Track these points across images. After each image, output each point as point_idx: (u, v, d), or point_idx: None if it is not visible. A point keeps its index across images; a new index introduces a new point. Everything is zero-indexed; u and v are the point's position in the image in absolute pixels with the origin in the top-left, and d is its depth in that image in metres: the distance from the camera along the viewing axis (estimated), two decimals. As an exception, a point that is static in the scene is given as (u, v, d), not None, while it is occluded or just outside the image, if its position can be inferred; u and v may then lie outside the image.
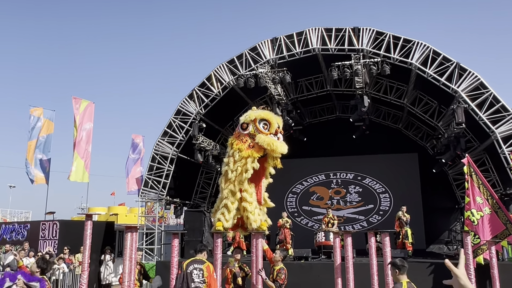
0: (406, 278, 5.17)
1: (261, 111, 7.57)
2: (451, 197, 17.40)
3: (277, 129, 7.40)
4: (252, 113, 7.56)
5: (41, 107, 17.87)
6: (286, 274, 7.27)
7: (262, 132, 7.30)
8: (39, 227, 15.74)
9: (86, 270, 7.28)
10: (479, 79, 12.47)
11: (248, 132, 7.46)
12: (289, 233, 14.27)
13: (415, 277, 11.23)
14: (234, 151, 7.56)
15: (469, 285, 1.93)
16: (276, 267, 7.29)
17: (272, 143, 7.16)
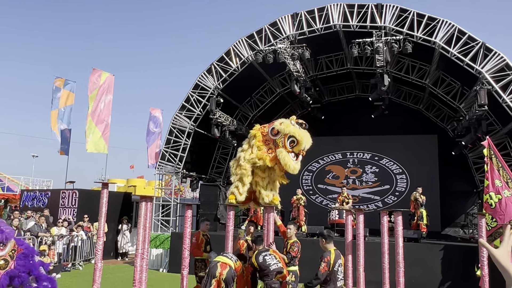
0: (333, 246, 6.19)
1: (297, 129, 7.36)
2: (469, 180, 17.13)
3: (301, 151, 7.34)
4: (288, 127, 7.39)
5: (63, 77, 18.13)
6: (299, 247, 7.34)
7: (286, 148, 7.30)
8: (59, 195, 16.19)
9: (101, 237, 7.47)
10: (504, 60, 12.09)
11: (275, 139, 7.47)
12: (303, 210, 14.35)
13: (427, 258, 11.28)
14: (254, 145, 7.65)
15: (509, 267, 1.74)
16: (290, 241, 7.36)
17: (289, 164, 7.16)
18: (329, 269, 5.94)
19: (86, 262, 14.53)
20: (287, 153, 7.22)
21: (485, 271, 7.81)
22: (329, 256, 6.02)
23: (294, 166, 7.20)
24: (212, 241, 11.70)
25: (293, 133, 7.25)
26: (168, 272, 13.33)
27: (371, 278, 9.13)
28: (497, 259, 1.73)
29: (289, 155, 7.23)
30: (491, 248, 1.78)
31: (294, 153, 7.32)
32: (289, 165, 7.15)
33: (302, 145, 7.22)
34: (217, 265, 6.60)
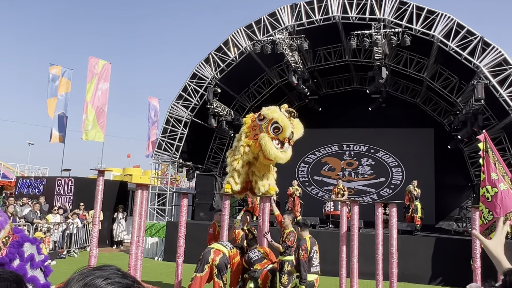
0: (308, 234, 6.52)
1: (282, 116, 7.28)
2: (464, 174, 17.23)
3: (286, 139, 7.24)
4: (273, 113, 7.35)
5: (59, 65, 18.01)
6: (295, 237, 7.37)
7: (269, 134, 7.21)
8: (55, 182, 16.17)
9: (97, 224, 7.49)
10: (502, 55, 12.10)
11: (260, 125, 7.44)
12: (299, 201, 14.40)
13: (421, 250, 11.37)
14: (242, 132, 7.68)
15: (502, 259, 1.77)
16: (286, 231, 7.39)
17: (270, 150, 7.09)
18: (307, 255, 6.31)
19: (81, 249, 14.57)
20: (269, 138, 7.17)
21: (477, 263, 7.90)
22: (305, 243, 6.34)
23: (275, 153, 7.12)
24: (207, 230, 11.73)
25: (277, 119, 7.19)
26: (163, 261, 13.38)
27: (365, 269, 9.22)
28: (490, 250, 1.75)
29: (272, 141, 7.16)
30: (484, 239, 1.81)
31: (278, 140, 7.25)
32: (269, 151, 7.08)
33: (286, 132, 7.15)
34: (211, 251, 6.66)
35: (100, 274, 0.87)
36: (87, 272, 0.89)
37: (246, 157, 7.56)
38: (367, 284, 9.36)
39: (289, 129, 7.21)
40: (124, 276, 0.88)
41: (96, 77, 16.12)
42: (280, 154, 7.22)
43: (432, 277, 10.99)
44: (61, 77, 17.26)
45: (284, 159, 7.35)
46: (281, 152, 7.24)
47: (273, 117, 7.26)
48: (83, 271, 0.90)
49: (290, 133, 7.23)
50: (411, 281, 10.64)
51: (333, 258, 9.46)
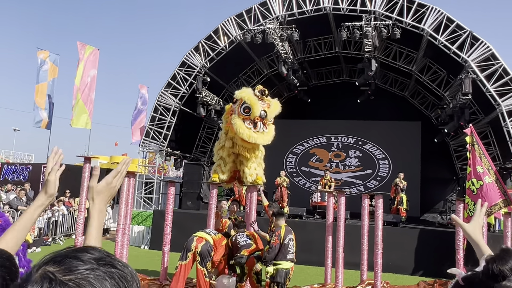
0: (283, 222, 6.71)
1: (249, 95, 7.22)
2: (450, 168, 17.46)
3: (257, 118, 7.15)
4: (242, 93, 7.35)
5: (47, 50, 17.69)
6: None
7: (240, 115, 7.17)
8: (40, 169, 16.00)
9: (83, 211, 7.45)
10: (490, 50, 12.21)
11: (234, 108, 7.42)
12: (286, 191, 14.45)
13: (405, 242, 11.52)
14: (223, 119, 7.73)
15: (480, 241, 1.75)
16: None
17: (240, 131, 7.05)
18: (280, 242, 6.48)
19: (66, 237, 14.47)
20: (240, 119, 7.12)
21: (460, 255, 8.03)
22: (279, 230, 6.54)
23: (247, 134, 7.07)
24: (194, 219, 11.77)
25: (245, 99, 7.16)
26: (150, 249, 13.36)
27: (350, 259, 9.29)
28: (469, 233, 1.77)
29: (244, 122, 7.12)
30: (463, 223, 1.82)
31: (250, 120, 7.20)
32: (241, 132, 7.04)
33: (254, 110, 7.09)
34: (194, 239, 6.67)
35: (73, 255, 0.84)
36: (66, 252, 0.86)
37: (228, 143, 7.55)
38: (351, 274, 9.45)
39: (257, 107, 7.15)
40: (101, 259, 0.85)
41: (83, 63, 15.88)
42: (253, 134, 7.12)
43: (416, 268, 11.15)
44: (49, 63, 16.99)
45: (259, 139, 7.21)
46: (254, 132, 7.14)
47: (241, 97, 7.25)
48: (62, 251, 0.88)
49: (260, 111, 7.16)
50: (395, 272, 10.77)
51: (319, 248, 9.53)
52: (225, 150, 7.51)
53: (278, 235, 6.44)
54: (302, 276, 9.47)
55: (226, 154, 7.46)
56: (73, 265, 0.81)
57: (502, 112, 12.06)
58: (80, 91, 15.21)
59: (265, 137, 7.34)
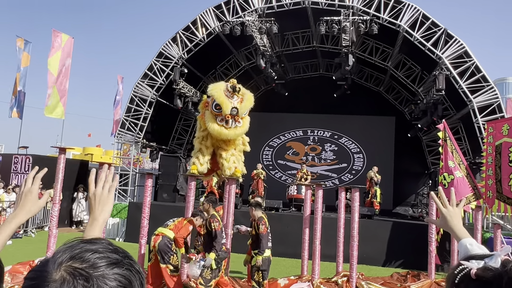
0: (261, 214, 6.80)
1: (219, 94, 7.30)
2: (422, 162, 17.88)
3: (228, 116, 7.27)
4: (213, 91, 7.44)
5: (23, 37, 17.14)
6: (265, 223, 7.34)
7: (212, 112, 7.35)
8: (11, 160, 15.56)
9: (57, 203, 7.30)
10: (464, 48, 12.52)
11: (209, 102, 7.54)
12: (262, 184, 14.51)
13: (379, 233, 11.76)
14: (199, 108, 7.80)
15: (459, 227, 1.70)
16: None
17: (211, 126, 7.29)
18: (268, 230, 6.65)
19: (38, 229, 14.17)
20: (211, 116, 7.30)
21: (432, 247, 8.26)
22: (264, 219, 6.66)
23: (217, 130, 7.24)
24: (170, 211, 11.69)
25: (215, 97, 7.29)
26: (125, 242, 13.21)
27: (326, 252, 9.43)
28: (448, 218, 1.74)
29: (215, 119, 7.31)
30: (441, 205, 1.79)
31: (222, 117, 7.34)
32: (211, 128, 7.21)
33: (224, 109, 7.24)
34: (152, 238, 6.69)
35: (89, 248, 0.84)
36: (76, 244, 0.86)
37: (201, 134, 7.64)
38: (327, 266, 9.61)
39: (227, 105, 7.26)
40: (115, 251, 0.86)
41: (60, 52, 15.46)
42: (224, 130, 7.28)
43: (389, 260, 11.42)
44: (23, 51, 16.48)
45: (230, 135, 7.37)
46: (225, 128, 7.28)
47: (212, 95, 7.37)
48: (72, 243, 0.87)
49: (231, 109, 7.27)
50: (369, 264, 11.01)
51: (295, 240, 9.63)
52: (203, 142, 7.50)
53: (264, 223, 6.59)
54: (278, 268, 9.56)
55: (204, 146, 7.44)
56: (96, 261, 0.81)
57: (473, 108, 12.40)
58: (55, 80, 14.81)
59: (237, 132, 7.43)
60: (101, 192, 1.42)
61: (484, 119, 12.18)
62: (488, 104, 12.36)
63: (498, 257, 1.02)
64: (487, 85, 12.45)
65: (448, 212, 1.76)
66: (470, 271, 1.02)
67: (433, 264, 8.20)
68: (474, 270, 1.01)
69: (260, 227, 6.53)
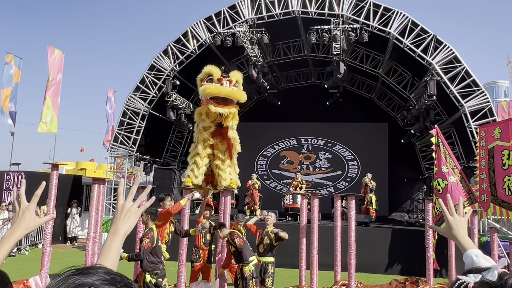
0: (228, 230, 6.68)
1: (204, 69, 7.43)
2: (416, 167, 17.93)
3: (220, 78, 7.23)
4: (199, 76, 7.52)
5: (12, 53, 17.12)
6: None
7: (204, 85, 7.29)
8: (3, 177, 15.39)
9: (50, 220, 7.20)
10: (453, 53, 12.64)
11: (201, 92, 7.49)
12: (258, 194, 14.44)
13: (377, 240, 11.73)
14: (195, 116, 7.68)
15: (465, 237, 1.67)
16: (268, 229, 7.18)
17: (206, 87, 7.06)
18: (244, 241, 6.52)
19: (32, 246, 13.98)
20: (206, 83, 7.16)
21: (430, 253, 8.24)
22: (236, 232, 6.55)
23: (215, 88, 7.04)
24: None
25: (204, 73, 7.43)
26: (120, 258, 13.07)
27: (323, 261, 9.38)
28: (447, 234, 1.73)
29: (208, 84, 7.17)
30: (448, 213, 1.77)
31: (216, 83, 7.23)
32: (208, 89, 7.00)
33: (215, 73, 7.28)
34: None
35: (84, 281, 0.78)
36: (69, 276, 0.80)
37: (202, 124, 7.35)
38: (325, 275, 9.54)
39: (216, 69, 7.31)
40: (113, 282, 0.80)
41: (54, 67, 15.48)
42: (221, 88, 7.06)
43: (387, 267, 11.36)
44: (14, 67, 16.44)
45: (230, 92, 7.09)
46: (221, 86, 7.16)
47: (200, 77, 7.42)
48: (66, 275, 0.81)
49: (221, 71, 7.32)
50: (367, 271, 10.95)
51: (292, 250, 9.56)
52: (199, 151, 7.40)
53: (238, 235, 6.50)
54: (276, 278, 9.44)
55: (199, 158, 7.36)
56: None
57: (465, 113, 12.49)
58: (49, 96, 14.79)
59: (236, 92, 7.25)
60: (130, 206, 1.39)
61: (476, 123, 12.25)
62: (480, 108, 12.45)
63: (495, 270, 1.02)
64: (477, 89, 12.55)
65: (455, 220, 1.73)
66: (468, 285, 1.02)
67: (431, 270, 8.18)
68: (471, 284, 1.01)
69: (236, 241, 6.46)
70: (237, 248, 6.45)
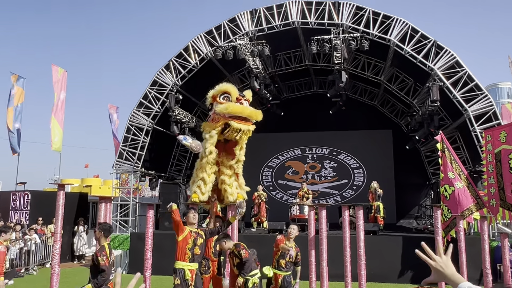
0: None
1: (218, 86, 7.37)
2: (422, 173, 17.84)
3: (239, 97, 7.21)
4: (211, 92, 7.44)
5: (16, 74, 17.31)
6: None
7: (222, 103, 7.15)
8: (9, 197, 15.42)
9: (58, 240, 7.18)
10: (455, 58, 12.63)
11: (213, 111, 7.34)
12: (264, 206, 14.40)
13: (386, 249, 11.63)
14: (203, 133, 7.53)
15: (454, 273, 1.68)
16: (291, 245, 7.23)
17: (228, 106, 6.93)
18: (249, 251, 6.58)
19: (40, 266, 13.94)
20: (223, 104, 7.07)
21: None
22: (241, 244, 6.58)
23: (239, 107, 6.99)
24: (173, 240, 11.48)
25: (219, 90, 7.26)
26: (128, 273, 13.01)
27: (333, 272, 9.30)
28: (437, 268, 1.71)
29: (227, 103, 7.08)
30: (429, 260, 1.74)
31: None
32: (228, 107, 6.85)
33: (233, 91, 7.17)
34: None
35: None
36: None
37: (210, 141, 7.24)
38: (335, 286, 9.45)
39: (233, 88, 7.26)
40: None
41: (58, 85, 15.64)
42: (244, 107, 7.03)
43: (398, 276, 11.26)
44: (16, 86, 16.60)
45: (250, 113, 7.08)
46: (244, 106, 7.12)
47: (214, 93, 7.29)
48: None
49: (237, 90, 7.27)
50: (377, 281, 10.85)
51: (301, 262, 9.50)
52: (206, 168, 7.34)
53: (243, 247, 6.52)
54: (286, 291, 9.38)
55: (206, 174, 7.31)
56: None
57: (469, 117, 12.44)
58: (55, 113, 14.94)
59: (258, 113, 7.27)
60: None
61: (480, 127, 12.20)
62: (484, 112, 12.40)
63: None
64: (480, 93, 12.51)
65: (439, 263, 1.72)
66: None
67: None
68: None
69: (242, 253, 6.46)
70: (241, 259, 6.45)
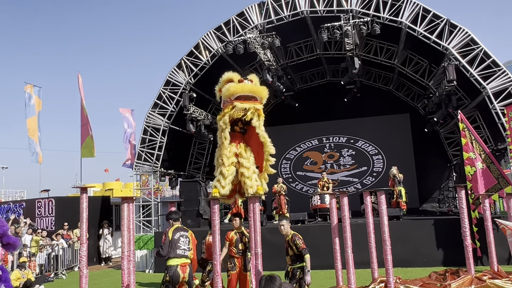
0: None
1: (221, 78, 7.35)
2: (442, 155, 17.56)
3: (241, 79, 7.16)
4: (217, 86, 7.46)
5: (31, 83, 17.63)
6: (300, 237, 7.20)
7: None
8: (34, 205, 15.76)
9: (84, 243, 7.29)
10: (469, 35, 12.35)
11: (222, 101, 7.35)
12: (284, 198, 14.37)
13: (411, 233, 11.51)
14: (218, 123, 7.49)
15: None
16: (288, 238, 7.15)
17: (229, 87, 6.90)
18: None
19: (69, 270, 14.22)
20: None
21: (468, 241, 8.03)
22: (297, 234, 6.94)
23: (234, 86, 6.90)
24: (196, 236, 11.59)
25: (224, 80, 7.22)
26: (155, 273, 13.17)
27: (358, 259, 9.24)
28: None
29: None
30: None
31: None
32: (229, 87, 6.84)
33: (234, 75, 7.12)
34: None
35: None
36: None
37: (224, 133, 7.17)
38: (361, 273, 9.39)
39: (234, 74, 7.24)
40: None
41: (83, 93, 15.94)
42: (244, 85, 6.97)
43: (424, 259, 11.13)
44: (34, 96, 16.92)
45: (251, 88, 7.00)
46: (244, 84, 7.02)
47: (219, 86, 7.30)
48: None
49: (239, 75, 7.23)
50: (404, 266, 10.76)
51: (326, 251, 9.48)
52: (224, 161, 7.32)
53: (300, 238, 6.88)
54: (313, 281, 9.34)
55: (224, 167, 7.29)
56: None
57: (488, 94, 12.17)
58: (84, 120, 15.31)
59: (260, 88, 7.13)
60: None
61: (500, 104, 11.95)
62: (503, 89, 12.11)
63: None
64: (498, 69, 12.22)
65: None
66: None
67: (471, 259, 7.96)
68: None
69: (298, 243, 6.73)
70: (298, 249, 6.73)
